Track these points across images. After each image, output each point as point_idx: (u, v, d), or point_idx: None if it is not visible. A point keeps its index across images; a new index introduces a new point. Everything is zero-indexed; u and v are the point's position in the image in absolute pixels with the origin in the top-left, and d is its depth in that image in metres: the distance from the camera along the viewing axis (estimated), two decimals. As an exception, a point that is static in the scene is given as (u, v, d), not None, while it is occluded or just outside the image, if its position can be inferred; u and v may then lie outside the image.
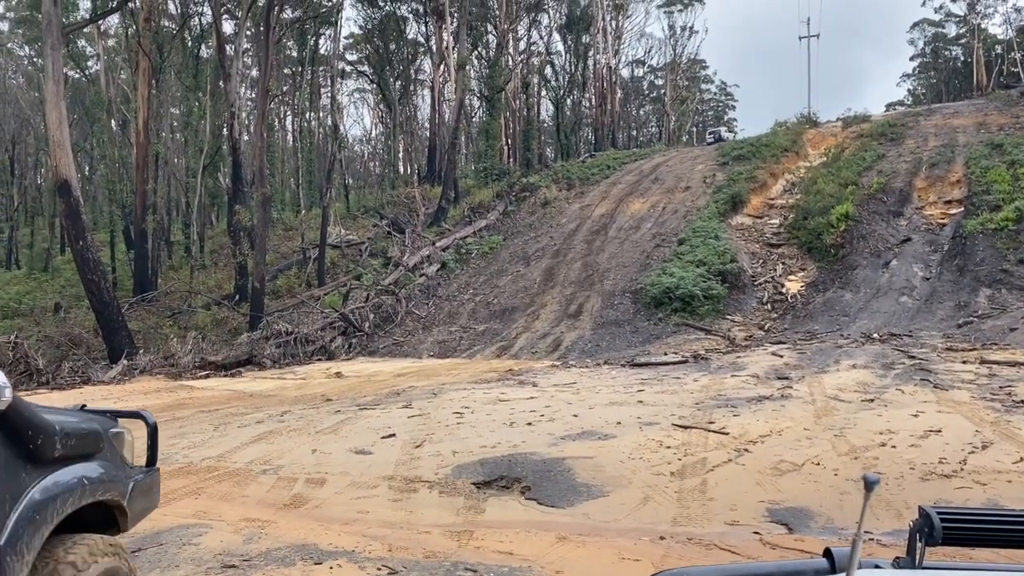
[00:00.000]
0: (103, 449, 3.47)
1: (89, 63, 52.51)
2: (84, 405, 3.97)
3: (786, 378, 14.82)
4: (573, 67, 60.32)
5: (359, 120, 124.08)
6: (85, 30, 43.08)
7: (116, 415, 3.91)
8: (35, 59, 52.84)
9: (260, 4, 35.40)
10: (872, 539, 6.47)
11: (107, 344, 24.02)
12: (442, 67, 52.99)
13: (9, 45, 56.83)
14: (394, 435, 11.00)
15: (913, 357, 16.46)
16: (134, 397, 17.28)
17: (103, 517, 3.49)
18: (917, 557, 1.61)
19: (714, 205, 31.85)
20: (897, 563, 1.64)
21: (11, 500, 2.74)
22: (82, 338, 25.03)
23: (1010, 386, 12.80)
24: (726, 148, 40.53)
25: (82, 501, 3.17)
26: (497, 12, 52.42)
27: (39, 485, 2.90)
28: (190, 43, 46.38)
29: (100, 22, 41.13)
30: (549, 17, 58.37)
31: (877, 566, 1.65)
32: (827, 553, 1.60)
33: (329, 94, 55.00)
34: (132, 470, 3.76)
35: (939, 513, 1.57)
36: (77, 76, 50.70)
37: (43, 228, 56.19)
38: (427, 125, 59.60)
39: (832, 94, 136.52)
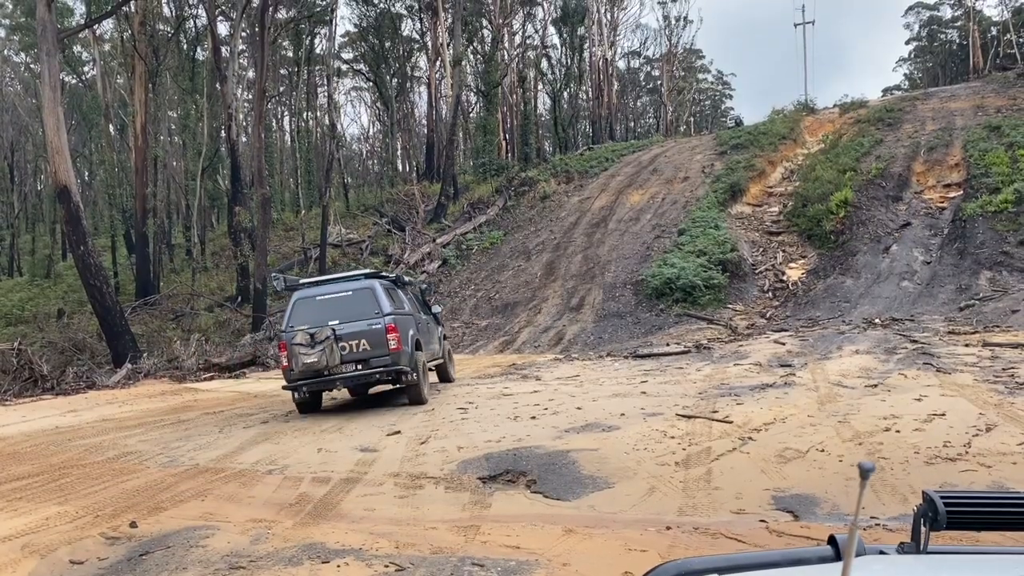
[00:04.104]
0: (441, 319, 17.29)
1: (85, 68, 52.48)
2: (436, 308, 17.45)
3: (789, 365, 14.83)
4: (569, 60, 60.06)
5: (356, 119, 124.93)
6: (80, 35, 42.98)
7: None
8: (31, 65, 52.72)
9: (254, 5, 35.34)
10: (878, 524, 6.48)
11: (111, 348, 24.00)
12: (438, 63, 52.87)
13: (5, 52, 56.77)
14: (399, 432, 11.04)
15: (915, 341, 16.46)
16: (139, 400, 17.31)
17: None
18: (921, 542, 1.61)
19: (713, 195, 31.78)
20: (902, 548, 1.64)
21: (439, 332, 16.40)
22: (86, 343, 25.00)
23: (1013, 368, 12.80)
24: (723, 137, 40.41)
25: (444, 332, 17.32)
26: (491, 6, 52.32)
27: (439, 329, 16.61)
28: (185, 46, 46.32)
29: (95, 27, 41.00)
30: (544, 10, 58.17)
31: (882, 551, 1.65)
32: (831, 540, 1.60)
33: (326, 93, 54.95)
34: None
35: (943, 497, 1.57)
36: (74, 81, 50.69)
37: (44, 234, 56.21)
38: (424, 122, 59.43)
39: (828, 80, 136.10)
